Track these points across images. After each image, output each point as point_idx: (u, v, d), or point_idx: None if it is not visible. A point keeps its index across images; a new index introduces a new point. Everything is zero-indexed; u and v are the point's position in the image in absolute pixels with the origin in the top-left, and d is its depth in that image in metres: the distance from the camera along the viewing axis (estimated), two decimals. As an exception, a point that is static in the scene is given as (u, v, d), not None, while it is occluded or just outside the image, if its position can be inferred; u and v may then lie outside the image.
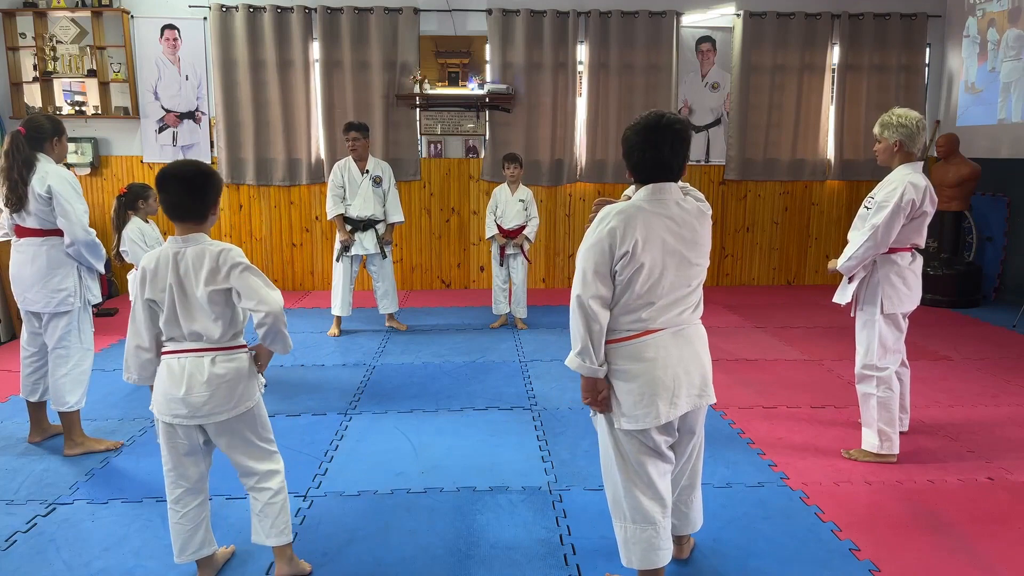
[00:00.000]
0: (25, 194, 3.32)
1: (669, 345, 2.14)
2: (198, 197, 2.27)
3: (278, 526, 2.43)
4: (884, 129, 3.29)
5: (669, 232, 2.11)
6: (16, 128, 3.39)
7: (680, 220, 2.13)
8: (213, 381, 2.26)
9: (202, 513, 2.42)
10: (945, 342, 5.47)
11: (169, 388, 2.27)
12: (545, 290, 7.50)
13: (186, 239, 2.27)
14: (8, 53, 6.77)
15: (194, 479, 2.39)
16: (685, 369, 2.16)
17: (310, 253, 7.42)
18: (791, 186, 7.61)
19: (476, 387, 4.49)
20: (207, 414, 2.27)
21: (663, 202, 2.12)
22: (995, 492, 3.13)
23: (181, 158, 6.97)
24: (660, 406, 2.12)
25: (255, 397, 2.38)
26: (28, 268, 3.41)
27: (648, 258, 2.07)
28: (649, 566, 2.23)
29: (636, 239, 2.05)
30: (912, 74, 7.41)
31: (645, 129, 2.11)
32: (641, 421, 2.13)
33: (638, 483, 2.20)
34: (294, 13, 6.90)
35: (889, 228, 3.19)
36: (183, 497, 2.38)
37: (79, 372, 3.51)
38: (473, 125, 7.29)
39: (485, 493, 3.12)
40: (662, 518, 2.22)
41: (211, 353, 2.29)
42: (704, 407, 2.27)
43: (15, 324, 5.61)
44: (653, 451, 2.19)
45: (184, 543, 2.40)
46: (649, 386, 2.11)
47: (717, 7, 7.28)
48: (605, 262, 2.08)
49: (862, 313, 3.42)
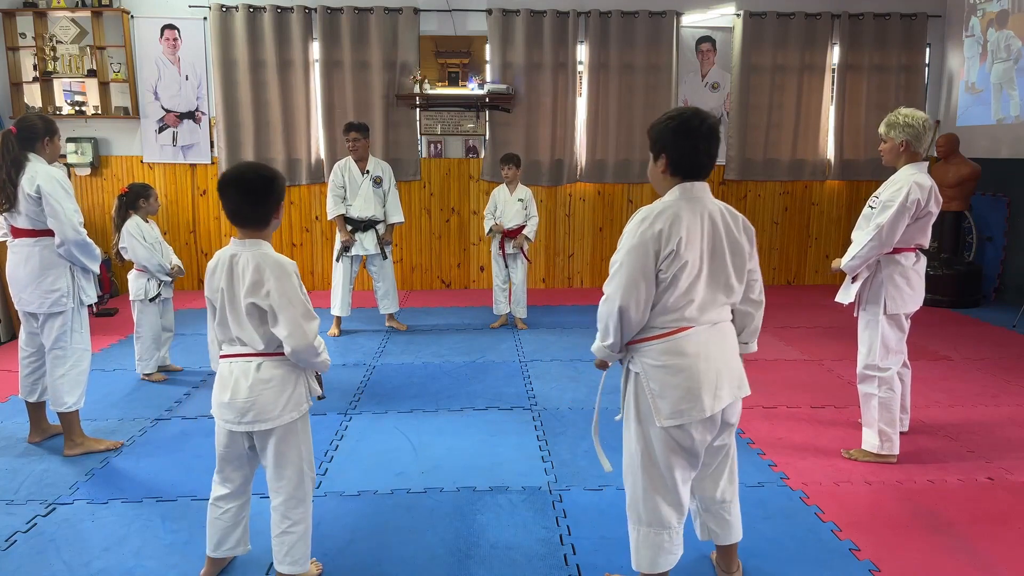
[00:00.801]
0: (15, 195, 3.31)
1: (708, 340, 2.14)
2: (258, 203, 2.21)
3: (293, 555, 2.36)
4: (891, 129, 3.28)
5: (707, 230, 2.12)
6: (7, 128, 3.38)
7: (715, 218, 2.15)
8: (257, 386, 2.23)
9: (241, 514, 2.43)
10: (945, 342, 5.47)
11: (219, 391, 2.28)
12: (545, 290, 7.50)
13: (245, 244, 2.23)
14: (8, 53, 6.77)
15: (237, 483, 2.39)
16: (725, 361, 2.17)
17: (310, 253, 7.42)
18: (791, 186, 7.62)
19: (476, 387, 4.49)
20: (252, 421, 2.24)
21: (700, 200, 2.14)
22: (995, 492, 3.13)
23: (180, 161, 7.07)
24: (704, 399, 2.11)
25: (302, 408, 2.32)
26: (22, 268, 3.40)
27: (690, 256, 2.08)
28: (656, 570, 2.23)
29: (680, 236, 2.06)
30: (912, 74, 7.42)
31: (687, 130, 2.11)
32: (686, 415, 2.11)
33: (660, 488, 2.19)
34: (294, 13, 6.90)
35: (894, 228, 3.19)
36: (224, 497, 2.39)
37: (77, 373, 3.50)
38: (473, 125, 7.29)
39: (485, 493, 3.12)
40: (677, 523, 2.22)
41: (258, 359, 2.25)
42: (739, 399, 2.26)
43: (15, 324, 5.61)
44: (686, 451, 2.16)
45: (220, 540, 2.40)
46: (693, 380, 2.11)
47: (717, 7, 7.28)
48: (650, 262, 2.07)
49: (865, 313, 3.41)
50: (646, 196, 7.40)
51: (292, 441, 2.31)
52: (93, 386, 3.83)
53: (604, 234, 7.59)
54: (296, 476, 2.33)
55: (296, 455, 2.33)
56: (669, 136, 2.13)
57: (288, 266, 2.22)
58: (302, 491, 2.36)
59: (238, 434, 2.29)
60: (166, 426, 3.87)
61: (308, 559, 2.42)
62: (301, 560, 2.37)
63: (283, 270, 2.20)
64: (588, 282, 7.67)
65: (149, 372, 4.60)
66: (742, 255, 2.18)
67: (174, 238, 7.22)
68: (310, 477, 2.39)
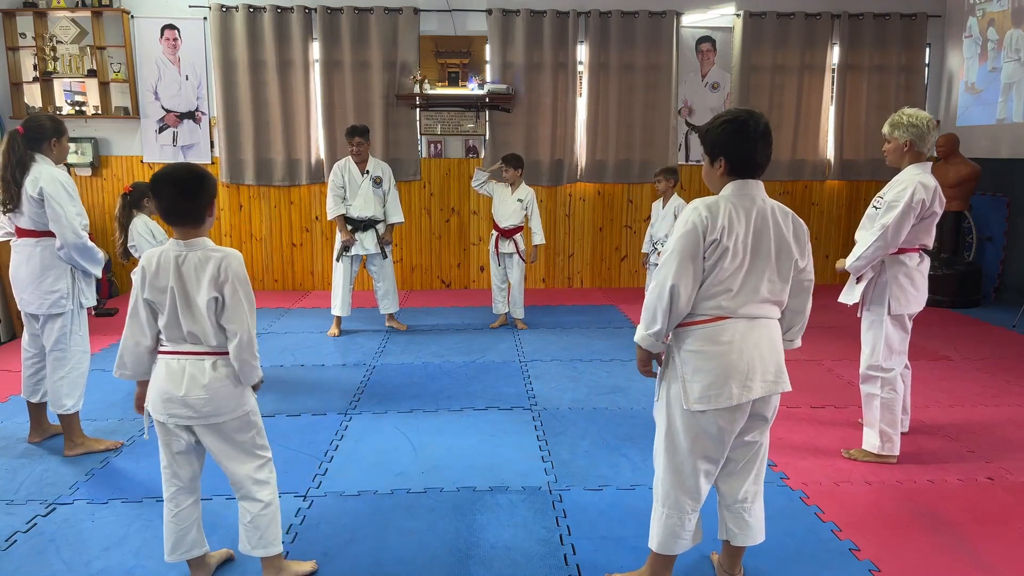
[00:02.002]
0: (19, 195, 3.30)
1: (745, 331, 2.18)
2: (192, 200, 2.25)
3: (267, 538, 2.40)
4: (894, 129, 3.28)
5: (753, 224, 2.16)
6: (15, 127, 3.37)
7: (764, 215, 2.18)
8: (214, 384, 2.26)
9: (194, 513, 2.42)
10: (945, 342, 5.47)
11: (168, 387, 2.27)
12: (545, 290, 7.50)
13: (188, 243, 2.26)
14: (8, 53, 6.77)
15: (186, 478, 2.38)
16: (760, 355, 2.19)
17: (310, 253, 7.42)
18: (791, 186, 7.61)
19: (476, 387, 4.49)
20: (207, 415, 2.27)
21: (750, 196, 2.18)
22: (995, 492, 3.13)
23: (180, 160, 7.06)
24: (733, 388, 2.15)
25: (251, 402, 2.38)
26: (23, 269, 3.40)
27: (732, 246, 2.12)
28: (666, 551, 2.32)
29: (723, 226, 2.12)
30: (912, 74, 7.42)
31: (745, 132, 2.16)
32: (713, 402, 2.16)
33: (678, 472, 2.26)
34: (294, 13, 6.90)
35: (899, 228, 3.19)
36: (176, 495, 2.38)
37: (76, 375, 3.49)
38: (473, 125, 7.29)
39: (485, 493, 3.12)
40: (691, 511, 2.29)
41: (212, 357, 2.28)
42: (778, 395, 2.27)
43: (15, 324, 5.61)
44: (711, 439, 2.21)
45: (176, 542, 2.39)
46: (724, 368, 2.15)
47: (717, 7, 7.28)
48: (697, 248, 2.13)
49: (868, 313, 3.41)
50: (646, 196, 7.40)
51: (245, 427, 2.36)
52: (93, 386, 3.82)
53: (604, 234, 7.59)
54: (252, 459, 2.38)
55: (249, 441, 2.37)
56: (728, 139, 2.18)
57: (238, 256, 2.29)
58: (263, 473, 2.40)
59: (181, 428, 2.30)
60: (166, 426, 3.87)
61: (280, 540, 2.44)
62: (275, 540, 2.42)
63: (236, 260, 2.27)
64: (588, 282, 7.67)
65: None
66: (789, 254, 2.21)
67: (174, 238, 7.21)
68: (268, 458, 2.43)
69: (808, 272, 2.29)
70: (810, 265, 2.29)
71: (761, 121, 2.17)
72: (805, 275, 2.29)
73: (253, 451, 2.39)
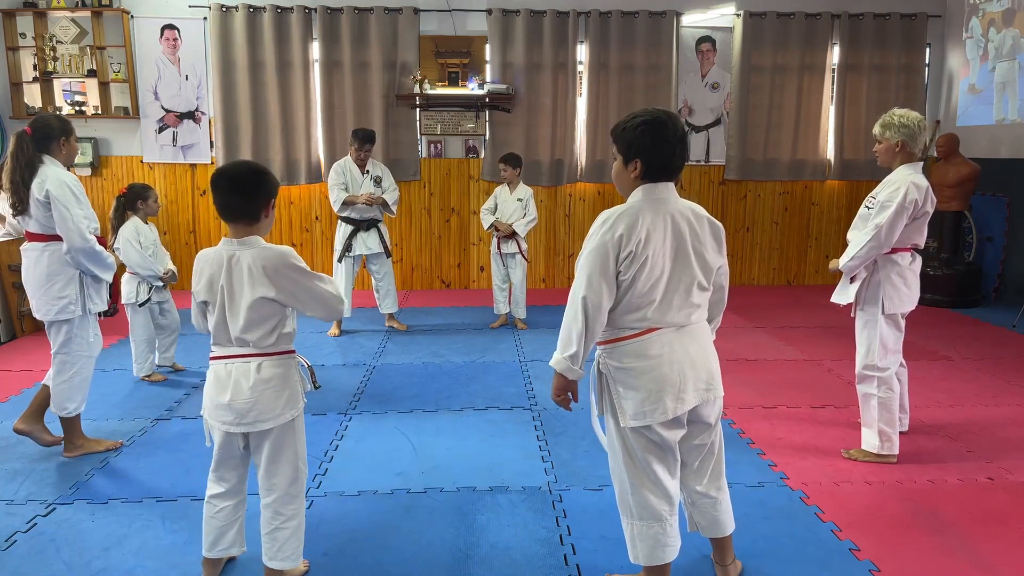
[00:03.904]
0: (27, 198, 3.22)
1: (673, 342, 2.15)
2: (245, 198, 2.25)
3: (285, 551, 2.37)
4: (885, 129, 3.29)
5: (670, 230, 2.12)
6: (23, 129, 3.29)
7: (680, 218, 2.15)
8: (258, 387, 2.24)
9: (236, 513, 2.42)
10: (945, 342, 5.47)
11: (216, 394, 2.27)
12: (545, 290, 7.50)
13: (241, 242, 2.25)
14: (8, 53, 6.77)
15: (232, 482, 2.39)
16: (691, 364, 2.17)
17: (310, 253, 7.42)
18: (791, 186, 7.62)
19: (476, 387, 4.49)
20: (253, 421, 2.26)
21: (664, 201, 2.14)
22: (995, 492, 3.13)
23: (179, 160, 7.06)
24: (667, 402, 2.13)
25: (299, 406, 2.35)
26: (31, 273, 3.34)
27: (650, 256, 2.08)
28: (656, 562, 2.25)
29: (639, 238, 2.07)
30: (912, 74, 7.42)
31: (656, 132, 2.10)
32: (648, 417, 2.14)
33: (645, 481, 2.22)
34: (294, 13, 6.90)
35: (893, 228, 3.20)
36: (220, 495, 2.39)
37: (80, 379, 3.46)
38: (473, 125, 7.29)
39: (485, 493, 3.12)
40: (669, 515, 2.24)
41: (258, 359, 2.27)
42: (716, 400, 2.27)
43: (15, 324, 5.61)
44: (660, 447, 2.20)
45: (215, 539, 2.39)
46: (656, 383, 2.12)
47: (717, 7, 7.28)
48: (610, 264, 2.09)
49: (863, 313, 3.41)
50: (646, 196, 7.39)
51: (289, 438, 2.34)
52: (93, 386, 3.81)
53: (604, 234, 7.58)
54: (291, 472, 2.35)
55: (292, 452, 2.35)
56: (647, 141, 2.11)
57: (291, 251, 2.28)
58: (296, 487, 2.38)
59: (234, 435, 2.30)
60: (166, 426, 3.87)
61: (300, 555, 2.42)
62: (293, 555, 2.39)
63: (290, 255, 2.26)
64: (588, 282, 7.66)
65: (147, 374, 4.60)
66: (709, 255, 2.19)
67: (174, 238, 7.23)
68: (304, 473, 2.41)
69: (725, 267, 2.30)
70: (726, 264, 2.30)
71: (679, 123, 2.13)
72: (722, 270, 2.29)
73: (295, 462, 2.36)
